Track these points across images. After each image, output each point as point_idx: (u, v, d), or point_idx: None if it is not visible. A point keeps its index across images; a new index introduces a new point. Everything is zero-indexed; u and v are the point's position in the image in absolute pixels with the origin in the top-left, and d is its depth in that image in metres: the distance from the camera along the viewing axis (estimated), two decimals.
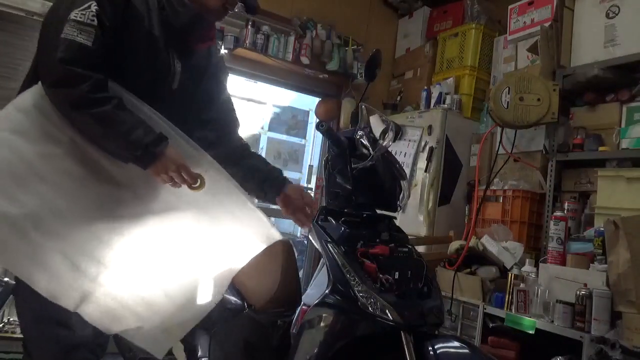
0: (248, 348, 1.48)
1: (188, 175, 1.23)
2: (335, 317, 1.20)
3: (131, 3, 1.27)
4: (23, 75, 1.34)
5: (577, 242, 2.31)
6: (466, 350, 1.16)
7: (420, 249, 2.82)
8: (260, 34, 3.42)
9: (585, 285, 2.01)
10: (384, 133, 1.38)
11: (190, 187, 1.24)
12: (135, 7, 1.28)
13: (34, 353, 1.30)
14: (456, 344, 1.19)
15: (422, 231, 3.12)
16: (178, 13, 1.34)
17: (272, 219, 4.83)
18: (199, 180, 1.25)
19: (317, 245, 1.33)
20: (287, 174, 1.68)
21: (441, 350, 1.16)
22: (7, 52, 2.81)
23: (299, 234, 4.33)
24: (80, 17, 1.18)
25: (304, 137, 4.50)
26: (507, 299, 2.28)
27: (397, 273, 1.25)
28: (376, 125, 1.44)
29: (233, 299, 1.69)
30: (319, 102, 3.92)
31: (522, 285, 2.24)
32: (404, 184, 1.47)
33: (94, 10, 1.19)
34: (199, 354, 1.64)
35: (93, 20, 1.18)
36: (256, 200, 1.54)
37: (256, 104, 4.29)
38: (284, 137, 4.51)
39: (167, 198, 1.29)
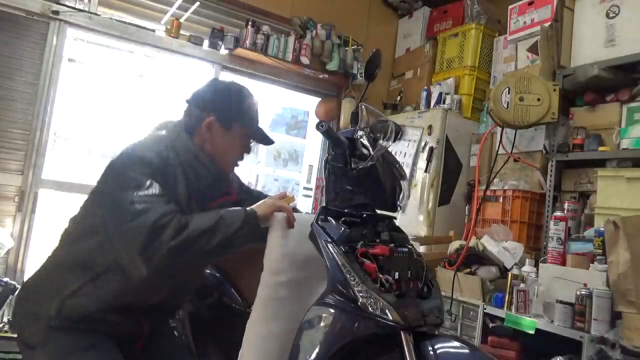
0: None
1: (285, 199, 1.41)
2: (335, 317, 1.20)
3: (166, 171, 1.33)
4: (23, 75, 1.35)
5: (577, 242, 2.31)
6: (466, 350, 1.16)
7: (420, 249, 2.82)
8: (260, 34, 3.42)
9: (585, 285, 2.01)
10: (384, 133, 1.38)
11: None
12: (166, 174, 1.33)
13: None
14: (456, 344, 1.19)
15: (422, 231, 3.12)
16: (200, 176, 1.40)
17: None
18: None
19: (317, 245, 1.33)
20: (287, 173, 1.71)
21: (441, 350, 1.16)
22: (7, 52, 2.82)
23: None
24: (146, 192, 1.25)
25: (304, 137, 4.50)
26: (507, 299, 2.28)
27: (397, 273, 1.25)
28: (376, 125, 1.44)
29: (234, 299, 1.69)
30: (319, 102, 3.92)
31: (522, 285, 2.24)
32: (404, 184, 1.47)
33: (156, 188, 1.26)
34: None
35: (156, 191, 1.26)
36: None
37: None
38: (284, 137, 4.51)
39: None
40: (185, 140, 1.40)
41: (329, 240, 1.27)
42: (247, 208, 1.33)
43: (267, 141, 1.56)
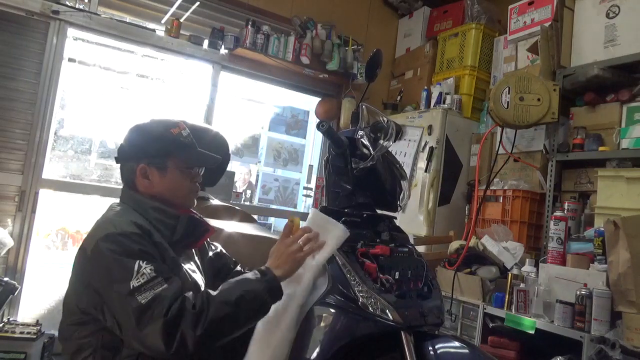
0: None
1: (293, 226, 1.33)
2: (335, 317, 1.20)
3: (154, 239, 1.25)
4: (23, 74, 1.31)
5: (577, 242, 2.31)
6: (466, 350, 1.17)
7: (420, 249, 2.82)
8: (260, 33, 3.42)
9: (585, 285, 2.02)
10: (384, 133, 1.38)
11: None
12: (155, 241, 1.25)
13: None
14: (456, 344, 1.19)
15: (422, 231, 3.12)
16: (174, 227, 1.32)
17: (271, 219, 4.77)
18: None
19: None
20: (287, 173, 1.68)
21: (441, 350, 1.16)
22: (7, 52, 2.82)
23: None
24: (142, 280, 1.12)
25: (304, 137, 4.50)
26: (507, 299, 2.28)
27: (397, 273, 1.25)
28: (376, 125, 1.44)
29: None
30: (319, 102, 3.92)
31: (522, 285, 2.24)
32: (404, 184, 1.47)
33: (149, 269, 1.14)
34: None
35: (151, 273, 1.14)
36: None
37: (256, 104, 4.29)
38: (284, 137, 4.51)
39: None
40: (138, 197, 1.33)
41: None
42: (263, 269, 1.22)
43: (211, 161, 1.42)
